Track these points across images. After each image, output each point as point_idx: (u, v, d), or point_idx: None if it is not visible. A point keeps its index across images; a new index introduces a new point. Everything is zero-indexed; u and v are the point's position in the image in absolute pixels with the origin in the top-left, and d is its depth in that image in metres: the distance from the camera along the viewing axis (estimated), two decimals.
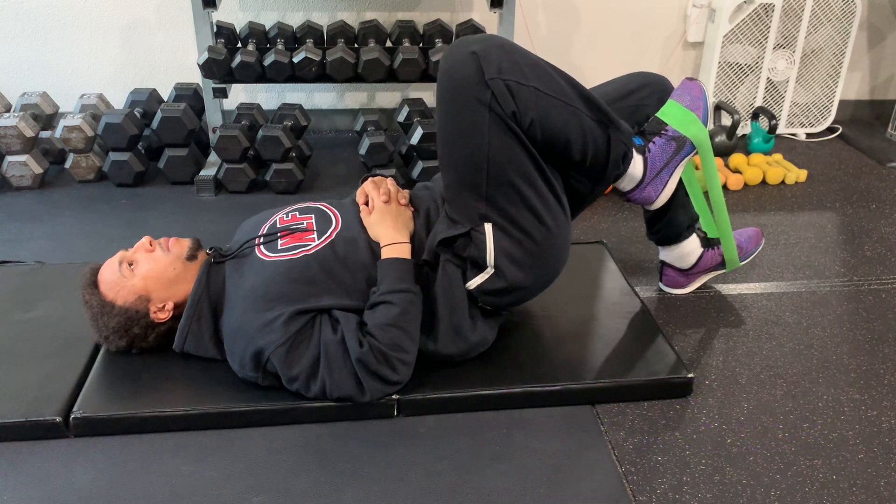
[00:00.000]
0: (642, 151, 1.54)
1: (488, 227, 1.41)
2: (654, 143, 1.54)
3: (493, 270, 1.43)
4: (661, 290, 1.91)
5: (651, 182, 1.56)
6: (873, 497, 1.30)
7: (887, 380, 1.60)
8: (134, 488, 1.29)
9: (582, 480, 1.32)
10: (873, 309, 1.85)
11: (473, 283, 1.45)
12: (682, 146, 1.56)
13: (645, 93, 1.61)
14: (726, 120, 2.72)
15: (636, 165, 1.53)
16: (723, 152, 2.66)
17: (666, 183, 1.57)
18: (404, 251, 1.45)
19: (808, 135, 2.95)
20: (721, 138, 2.66)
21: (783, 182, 2.55)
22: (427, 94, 2.91)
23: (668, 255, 1.84)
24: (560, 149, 1.41)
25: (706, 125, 1.58)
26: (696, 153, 1.60)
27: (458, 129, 1.37)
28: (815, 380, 1.60)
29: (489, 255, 1.41)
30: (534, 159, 1.39)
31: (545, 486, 1.30)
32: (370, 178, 1.59)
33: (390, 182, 1.57)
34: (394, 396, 1.43)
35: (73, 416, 1.38)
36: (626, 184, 1.56)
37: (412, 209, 1.54)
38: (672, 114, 1.57)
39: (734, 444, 1.42)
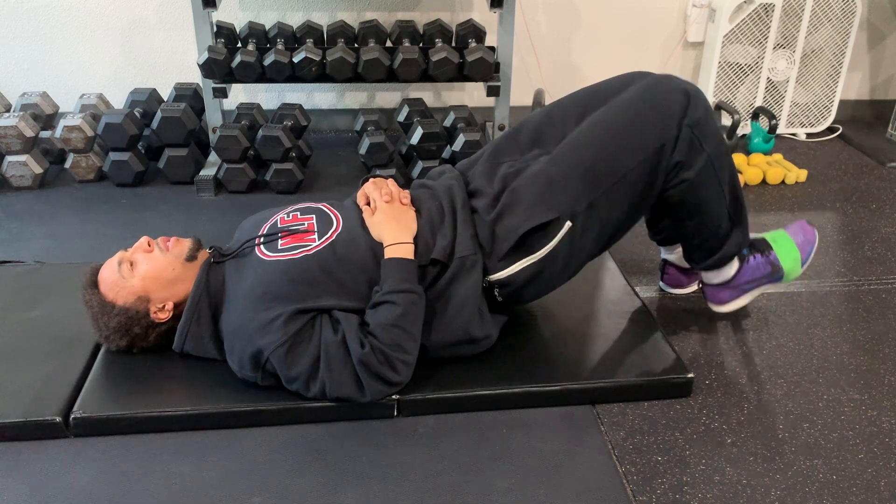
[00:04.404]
0: (742, 259, 1.62)
1: (568, 225, 1.44)
2: (755, 257, 1.63)
3: (534, 260, 1.46)
4: (661, 289, 1.91)
5: (732, 288, 1.65)
6: (873, 497, 1.30)
7: (887, 380, 1.60)
8: (134, 488, 1.29)
9: (582, 480, 1.32)
10: (873, 309, 1.85)
11: (506, 272, 1.47)
12: (775, 274, 1.64)
13: None
14: (726, 120, 2.72)
15: (731, 267, 1.62)
16: None
17: (742, 294, 1.67)
18: (408, 251, 1.45)
19: (808, 135, 2.95)
20: None
21: (783, 182, 2.55)
22: (427, 94, 2.91)
23: (670, 254, 1.84)
24: (683, 215, 1.51)
25: (803, 267, 1.67)
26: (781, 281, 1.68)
27: (626, 136, 1.43)
28: (815, 380, 1.60)
29: (548, 247, 1.45)
30: (641, 205, 1.48)
31: (545, 486, 1.30)
32: (371, 180, 1.59)
33: (391, 182, 1.57)
34: (394, 396, 1.43)
35: (73, 416, 1.38)
36: (712, 277, 1.65)
37: (414, 209, 1.54)
38: (781, 243, 1.66)
39: (734, 444, 1.42)
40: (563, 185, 1.45)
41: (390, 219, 1.48)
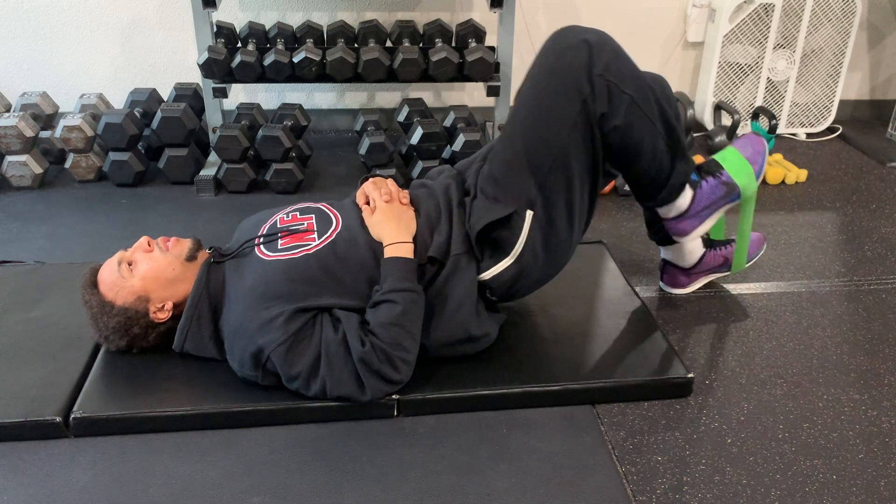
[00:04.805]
0: (694, 186, 1.58)
1: (529, 214, 1.43)
2: (706, 181, 1.59)
3: (512, 259, 1.45)
4: (661, 289, 1.90)
5: (691, 217, 1.61)
6: (873, 497, 1.30)
7: (887, 380, 1.60)
8: (134, 488, 1.29)
9: (582, 480, 1.32)
10: (873, 309, 1.85)
11: (489, 274, 1.47)
12: (731, 192, 1.60)
13: None
14: (726, 120, 2.72)
15: (684, 197, 1.57)
16: None
17: (703, 221, 1.63)
18: (407, 250, 1.45)
19: (808, 135, 2.95)
20: (721, 138, 2.66)
21: (783, 182, 2.55)
22: (427, 94, 2.91)
23: (669, 253, 1.84)
24: (626, 160, 1.47)
25: (758, 179, 1.62)
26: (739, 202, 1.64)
27: (545, 111, 1.39)
28: (815, 380, 1.60)
29: (519, 243, 1.44)
30: (595, 165, 1.44)
31: (545, 486, 1.30)
32: (370, 179, 1.59)
33: (391, 182, 1.58)
34: (394, 396, 1.43)
35: (73, 416, 1.38)
36: (668, 211, 1.61)
37: (413, 209, 1.54)
38: (731, 160, 1.61)
39: (734, 444, 1.42)
40: (507, 179, 1.44)
41: (390, 218, 1.48)
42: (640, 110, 1.40)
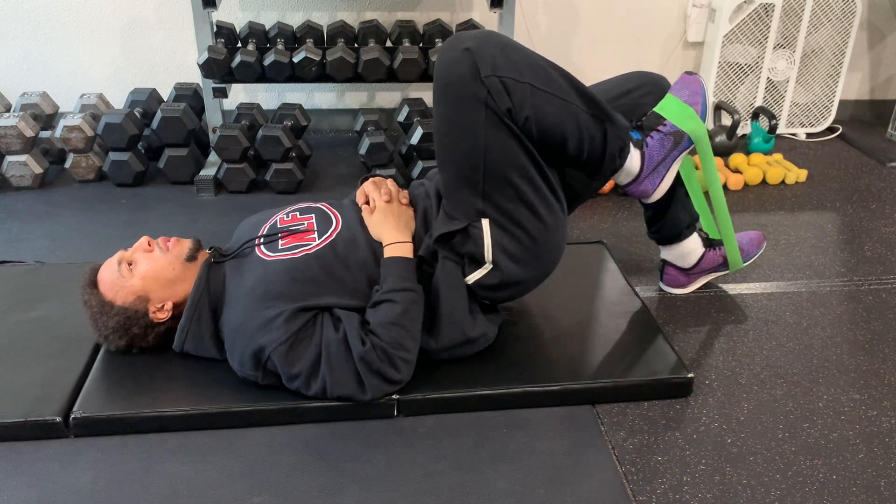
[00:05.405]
0: (640, 146, 1.53)
1: (485, 222, 1.42)
2: (651, 137, 1.54)
3: (490, 266, 1.44)
4: (661, 289, 1.90)
5: (648, 176, 1.56)
6: (873, 497, 1.30)
7: (887, 380, 1.60)
8: (134, 488, 1.29)
9: (582, 480, 1.32)
10: (873, 309, 1.85)
11: (472, 278, 1.47)
12: (680, 141, 1.55)
13: (642, 91, 1.61)
14: (726, 120, 2.72)
15: (633, 160, 1.52)
16: (723, 152, 2.66)
17: (663, 177, 1.57)
18: (407, 250, 1.45)
19: (808, 135, 2.95)
20: (721, 138, 2.66)
21: (783, 182, 2.55)
22: (427, 94, 2.90)
23: (669, 253, 1.84)
24: (556, 144, 1.41)
25: (704, 120, 1.57)
26: (694, 149, 1.59)
27: (454, 127, 1.37)
28: (815, 380, 1.60)
29: (487, 251, 1.43)
30: (531, 156, 1.40)
31: (545, 486, 1.30)
32: (370, 179, 1.60)
33: (390, 182, 1.58)
34: (394, 396, 1.43)
35: (73, 416, 1.38)
36: (623, 178, 1.56)
37: (412, 209, 1.54)
38: (670, 108, 1.56)
39: (734, 444, 1.42)
40: (451, 197, 1.44)
41: (389, 218, 1.48)
42: (545, 94, 1.35)
